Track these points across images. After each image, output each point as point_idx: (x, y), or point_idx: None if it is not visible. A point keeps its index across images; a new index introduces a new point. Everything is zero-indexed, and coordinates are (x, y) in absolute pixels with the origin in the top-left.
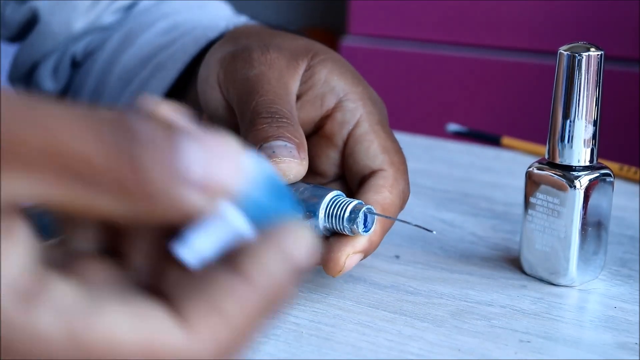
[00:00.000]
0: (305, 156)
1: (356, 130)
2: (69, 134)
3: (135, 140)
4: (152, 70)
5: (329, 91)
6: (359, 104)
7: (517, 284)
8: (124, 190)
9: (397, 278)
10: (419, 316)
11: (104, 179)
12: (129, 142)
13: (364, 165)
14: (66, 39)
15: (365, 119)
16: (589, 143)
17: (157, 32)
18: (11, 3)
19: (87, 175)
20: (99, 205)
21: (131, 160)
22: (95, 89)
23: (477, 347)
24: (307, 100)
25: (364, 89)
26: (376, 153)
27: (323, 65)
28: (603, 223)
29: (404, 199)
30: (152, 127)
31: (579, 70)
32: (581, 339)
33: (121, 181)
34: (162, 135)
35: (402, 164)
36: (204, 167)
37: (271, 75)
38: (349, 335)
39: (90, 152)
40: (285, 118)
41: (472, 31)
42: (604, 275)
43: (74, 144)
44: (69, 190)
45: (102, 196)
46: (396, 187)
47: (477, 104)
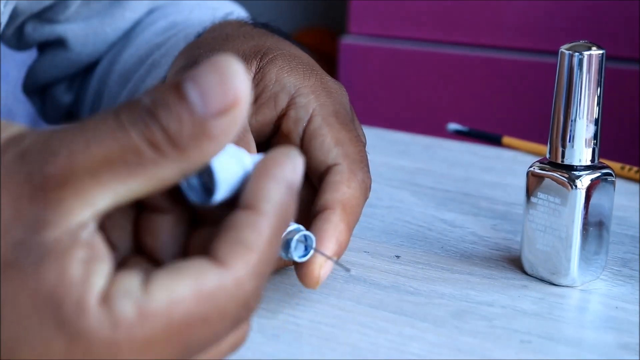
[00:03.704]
0: None
1: (310, 126)
2: (103, 137)
3: (150, 112)
4: (148, 69)
5: (281, 90)
6: (310, 98)
7: (518, 284)
8: (169, 155)
9: (397, 278)
10: (420, 316)
11: (146, 154)
12: (148, 117)
13: (319, 161)
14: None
15: (318, 112)
16: (590, 142)
17: (156, 31)
18: (32, 20)
19: (134, 160)
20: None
21: (158, 130)
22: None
23: (477, 347)
24: (261, 103)
25: (317, 81)
26: (330, 147)
27: (273, 64)
28: (604, 223)
29: (364, 189)
30: (158, 93)
31: (580, 69)
32: (582, 340)
33: (162, 149)
34: (168, 94)
35: (359, 154)
36: (210, 93)
37: None
38: (349, 335)
39: (125, 142)
40: None
41: (473, 31)
42: (605, 275)
43: (111, 143)
44: (134, 181)
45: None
46: (354, 179)
47: (478, 103)
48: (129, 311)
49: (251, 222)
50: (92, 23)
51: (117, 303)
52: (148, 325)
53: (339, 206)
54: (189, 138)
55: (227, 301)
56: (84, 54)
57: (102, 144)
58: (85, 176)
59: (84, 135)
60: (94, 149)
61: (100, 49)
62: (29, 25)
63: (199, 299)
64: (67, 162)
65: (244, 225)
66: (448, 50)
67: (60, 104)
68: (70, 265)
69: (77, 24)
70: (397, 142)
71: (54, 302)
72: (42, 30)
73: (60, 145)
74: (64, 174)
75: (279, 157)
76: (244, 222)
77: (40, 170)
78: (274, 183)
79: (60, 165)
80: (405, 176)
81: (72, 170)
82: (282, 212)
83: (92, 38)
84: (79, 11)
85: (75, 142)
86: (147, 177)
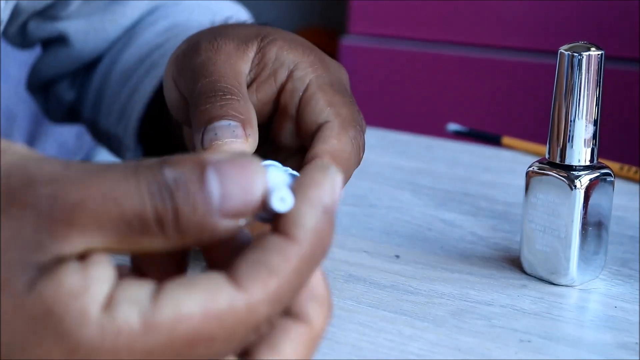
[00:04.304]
0: (252, 132)
1: (305, 95)
2: (120, 196)
3: (170, 191)
4: (147, 69)
5: (280, 66)
6: (308, 71)
7: (518, 284)
8: (168, 236)
9: (397, 278)
10: (419, 316)
11: (150, 227)
12: (167, 194)
13: (311, 122)
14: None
15: (314, 82)
16: (589, 143)
17: (157, 31)
18: (35, 18)
19: (138, 227)
20: (149, 247)
21: (171, 212)
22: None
23: (477, 346)
24: (261, 81)
25: (316, 57)
26: (322, 108)
27: (273, 44)
28: (603, 223)
29: (357, 146)
30: (181, 173)
31: (579, 69)
32: (581, 339)
33: (165, 229)
34: (191, 178)
35: (352, 114)
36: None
37: (217, 58)
38: (349, 335)
39: (138, 209)
40: (229, 94)
41: (473, 31)
42: (605, 275)
43: (125, 204)
44: (127, 242)
45: (152, 241)
46: (344, 135)
47: (478, 104)
48: (134, 320)
49: (280, 247)
50: (93, 20)
51: (122, 310)
52: (151, 338)
53: (327, 156)
54: (194, 227)
55: (236, 324)
56: (85, 50)
57: (117, 204)
58: (91, 225)
59: (100, 186)
60: (108, 207)
61: (101, 46)
62: (32, 23)
63: (206, 317)
64: (78, 209)
65: (271, 249)
66: (448, 50)
67: (63, 101)
68: (66, 278)
69: (78, 20)
70: (397, 142)
71: (54, 318)
72: (45, 27)
73: (76, 191)
74: (72, 218)
75: (316, 176)
76: (273, 246)
77: (49, 206)
78: (309, 207)
79: (71, 210)
80: (405, 176)
81: (81, 217)
82: (317, 240)
83: (93, 35)
84: (80, 8)
85: (92, 192)
86: (139, 244)
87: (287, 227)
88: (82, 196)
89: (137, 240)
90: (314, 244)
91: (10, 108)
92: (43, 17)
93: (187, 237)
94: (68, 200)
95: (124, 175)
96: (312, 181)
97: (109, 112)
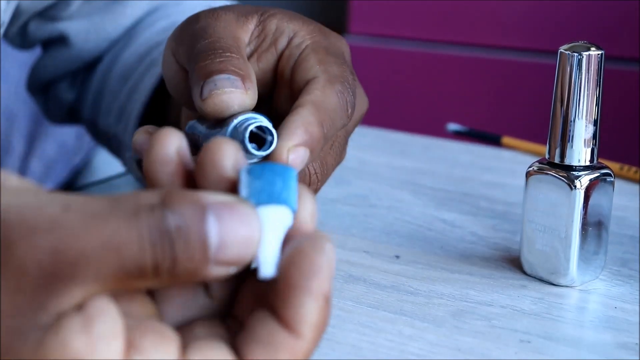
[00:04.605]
0: (252, 86)
1: (299, 58)
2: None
3: (171, 240)
4: (147, 67)
5: (280, 35)
6: (306, 38)
7: (518, 284)
8: (162, 279)
9: (397, 278)
10: (419, 316)
11: (147, 273)
12: (167, 243)
13: (301, 80)
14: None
15: (310, 47)
16: (589, 143)
17: (157, 30)
18: (35, 19)
19: (135, 274)
20: (141, 285)
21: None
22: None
23: (477, 347)
24: (262, 51)
25: (315, 27)
26: (312, 66)
27: (273, 17)
28: (603, 223)
29: (343, 101)
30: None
31: (579, 69)
32: (581, 339)
33: (161, 274)
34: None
35: (341, 72)
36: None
37: (217, 24)
38: (349, 335)
39: (138, 259)
40: (229, 52)
41: (473, 31)
42: (605, 275)
43: (126, 253)
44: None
45: (148, 281)
46: (329, 87)
47: (478, 104)
48: None
49: (290, 346)
50: (93, 20)
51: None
52: None
53: (309, 103)
54: (187, 274)
55: None
56: (85, 50)
57: (118, 254)
58: (92, 277)
59: (101, 235)
60: (109, 258)
61: (101, 46)
62: (32, 24)
63: None
64: (79, 262)
65: (282, 348)
66: (448, 50)
67: (63, 101)
68: (72, 341)
69: (78, 21)
70: (397, 142)
71: None
72: (45, 28)
73: (76, 241)
74: (72, 272)
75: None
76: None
77: (49, 261)
78: (313, 301)
79: (72, 263)
80: (405, 176)
81: (82, 270)
82: (319, 332)
83: (93, 35)
84: (81, 8)
85: (92, 242)
86: (132, 284)
87: (295, 323)
88: (83, 247)
89: (130, 283)
90: (317, 337)
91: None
92: (43, 17)
93: (178, 279)
94: (69, 253)
95: (125, 221)
96: (312, 268)
97: (108, 111)
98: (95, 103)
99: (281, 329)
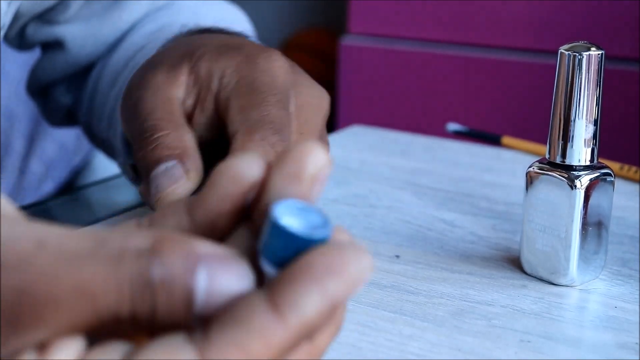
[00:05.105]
0: (191, 161)
1: (226, 106)
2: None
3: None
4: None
5: (211, 78)
6: (233, 76)
7: (518, 284)
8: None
9: (397, 278)
10: (419, 316)
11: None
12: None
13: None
14: None
15: (233, 90)
16: (589, 143)
17: (144, 33)
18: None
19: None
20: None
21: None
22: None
23: (477, 347)
24: (202, 98)
25: (243, 57)
26: (233, 118)
27: (201, 60)
28: (603, 223)
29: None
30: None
31: (579, 69)
32: (581, 339)
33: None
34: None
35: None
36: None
37: (147, 95)
38: (349, 335)
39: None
40: (158, 131)
41: (473, 30)
42: (605, 275)
43: (101, 301)
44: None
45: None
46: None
47: (478, 104)
48: None
49: (266, 326)
50: (90, 24)
51: None
52: None
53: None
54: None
55: None
56: (82, 55)
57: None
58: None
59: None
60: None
61: (97, 51)
62: (30, 27)
63: None
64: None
65: (256, 326)
66: (448, 50)
67: (61, 105)
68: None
69: (75, 25)
70: (397, 142)
71: None
72: (42, 31)
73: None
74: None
75: (347, 264)
76: (259, 321)
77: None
78: (318, 297)
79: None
80: (405, 176)
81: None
82: (307, 331)
83: (90, 39)
84: (79, 12)
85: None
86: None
87: (283, 305)
88: (51, 290)
89: (103, 327)
90: (301, 332)
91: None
92: (41, 20)
93: (155, 328)
94: (36, 295)
95: (105, 266)
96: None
97: (100, 117)
98: (89, 107)
99: (265, 309)
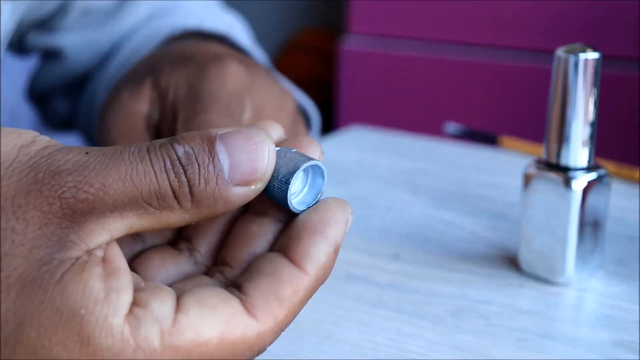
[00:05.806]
0: None
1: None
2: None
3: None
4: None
5: (168, 91)
6: (183, 89)
7: (516, 283)
8: (186, 208)
9: (396, 277)
10: (418, 314)
11: (167, 202)
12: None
13: None
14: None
15: (182, 103)
16: (586, 143)
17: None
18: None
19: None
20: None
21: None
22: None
23: (475, 345)
24: (167, 110)
25: (193, 68)
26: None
27: (161, 74)
28: (600, 223)
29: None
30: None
31: (575, 71)
32: (579, 338)
33: (182, 202)
34: (200, 152)
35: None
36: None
37: (110, 114)
38: (349, 333)
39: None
40: None
41: (472, 31)
42: (602, 274)
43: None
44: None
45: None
46: None
47: (476, 104)
48: (154, 338)
49: (292, 280)
50: (88, 33)
51: (144, 327)
52: (167, 357)
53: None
54: (209, 198)
55: (246, 350)
56: (79, 63)
57: (134, 184)
58: (111, 208)
59: (118, 170)
60: (126, 188)
61: (94, 59)
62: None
63: (221, 343)
64: (100, 194)
65: (285, 281)
66: (448, 50)
67: (59, 113)
68: (90, 281)
69: (73, 33)
70: (396, 142)
71: (78, 317)
72: (41, 38)
73: (95, 176)
74: (94, 204)
75: (336, 213)
76: (286, 278)
77: (73, 195)
78: (325, 245)
79: (93, 195)
80: (405, 176)
81: (103, 201)
82: (325, 275)
83: (87, 48)
84: (78, 21)
85: (110, 176)
86: (160, 219)
87: (302, 260)
88: (101, 182)
89: (157, 217)
90: (321, 279)
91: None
92: (40, 28)
93: (203, 208)
94: (89, 188)
95: (138, 156)
96: (333, 219)
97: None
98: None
99: (288, 264)
